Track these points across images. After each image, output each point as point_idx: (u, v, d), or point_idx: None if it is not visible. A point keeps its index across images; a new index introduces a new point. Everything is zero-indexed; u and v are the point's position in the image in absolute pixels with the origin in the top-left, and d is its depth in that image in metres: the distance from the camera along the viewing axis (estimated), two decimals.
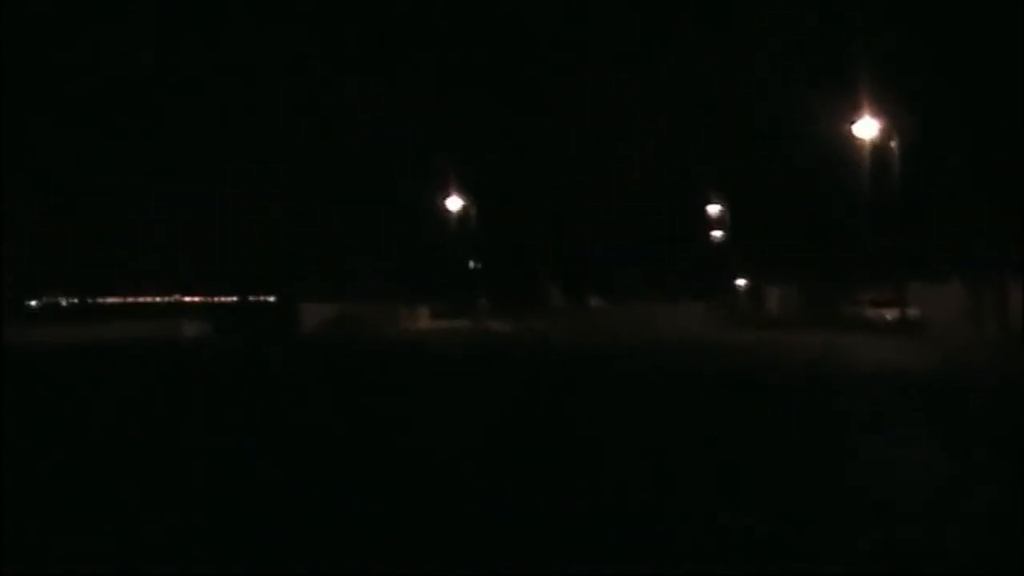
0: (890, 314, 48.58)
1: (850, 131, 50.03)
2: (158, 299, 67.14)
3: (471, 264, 72.22)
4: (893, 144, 48.50)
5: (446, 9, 65.79)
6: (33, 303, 63.72)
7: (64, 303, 65.75)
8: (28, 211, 61.20)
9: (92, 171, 64.52)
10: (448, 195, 68.09)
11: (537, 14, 64.81)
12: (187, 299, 67.69)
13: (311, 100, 66.98)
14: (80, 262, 64.42)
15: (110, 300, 66.18)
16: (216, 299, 67.87)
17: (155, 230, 68.10)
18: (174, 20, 65.05)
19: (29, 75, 59.68)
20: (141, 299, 66.74)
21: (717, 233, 70.07)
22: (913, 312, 47.33)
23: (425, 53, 67.00)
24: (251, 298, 68.09)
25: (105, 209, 65.98)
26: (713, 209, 69.26)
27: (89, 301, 65.31)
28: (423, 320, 70.32)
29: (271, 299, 68.27)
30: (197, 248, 67.60)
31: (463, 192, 68.20)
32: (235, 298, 68.11)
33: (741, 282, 71.83)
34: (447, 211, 68.55)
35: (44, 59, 60.37)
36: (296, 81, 66.89)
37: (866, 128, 49.45)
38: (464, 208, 68.36)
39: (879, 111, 49.04)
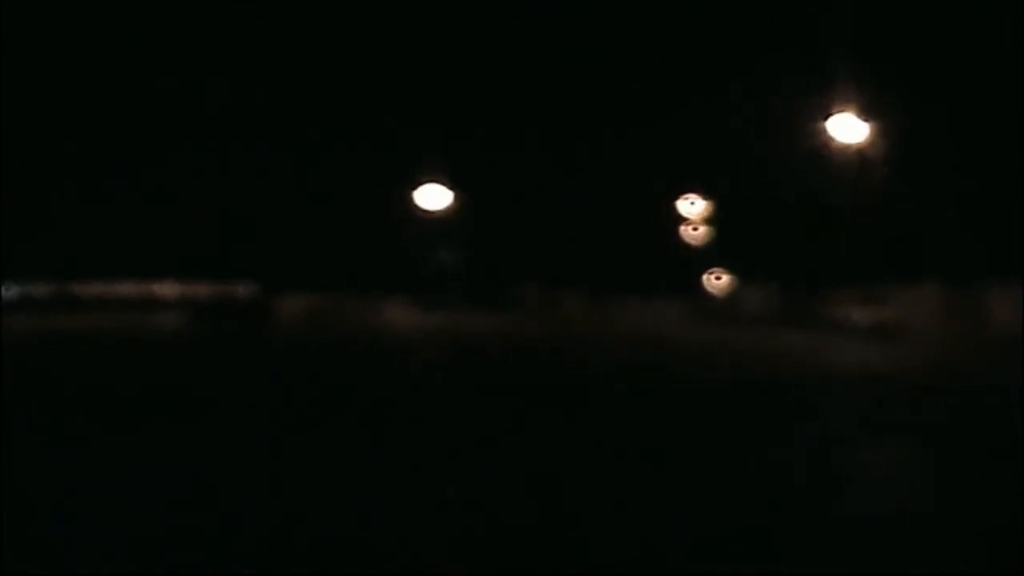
0: (867, 314, 48.58)
1: (828, 129, 50.01)
2: (133, 288, 66.57)
3: (447, 257, 72.02)
4: (874, 144, 48.49)
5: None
6: (1, 291, 62.94)
7: (36, 292, 65.04)
8: None
9: (64, 157, 63.98)
10: (427, 189, 67.90)
11: (524, 10, 64.51)
12: (162, 289, 67.20)
13: (291, 89, 66.61)
14: (54, 249, 63.87)
15: (85, 289, 65.56)
16: (193, 289, 67.40)
17: (131, 218, 67.62)
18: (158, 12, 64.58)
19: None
20: (116, 288, 66.15)
21: (696, 231, 69.97)
22: (891, 313, 47.33)
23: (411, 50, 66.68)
24: (226, 289, 67.65)
25: (81, 195, 65.48)
26: (692, 207, 69.12)
27: (62, 290, 64.70)
28: (398, 313, 70.04)
29: (247, 290, 67.85)
30: (174, 237, 67.16)
31: (442, 186, 68.05)
32: (212, 288, 67.63)
33: (719, 280, 71.74)
34: (425, 205, 68.35)
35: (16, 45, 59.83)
36: (274, 67, 66.49)
37: (844, 126, 49.41)
38: (443, 200, 68.25)
39: (860, 110, 49.00)
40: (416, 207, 69.28)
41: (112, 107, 64.87)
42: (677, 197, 68.94)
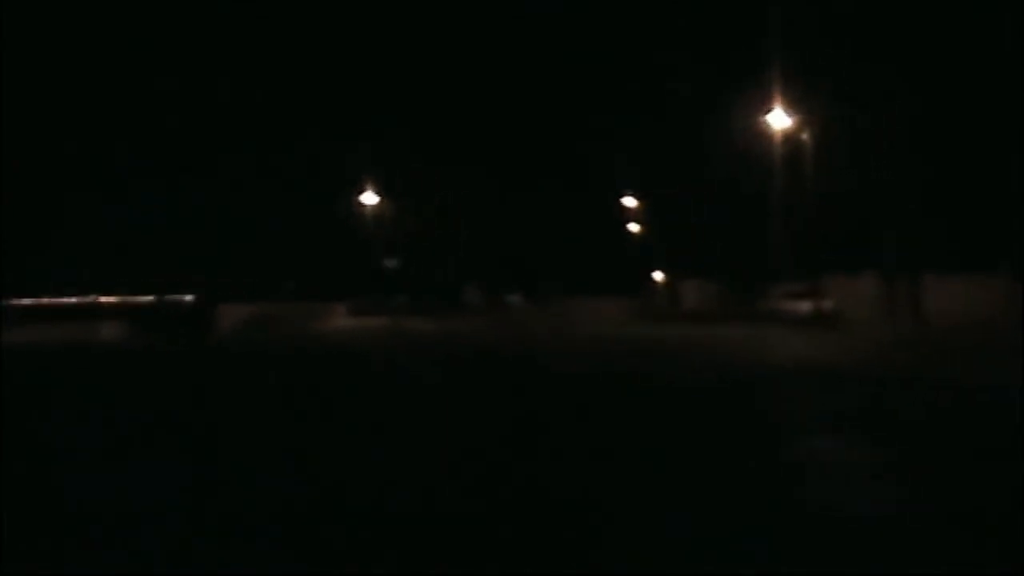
0: (806, 307, 49.14)
1: (764, 124, 50.57)
2: (74, 300, 66.23)
3: (389, 262, 72.19)
4: (805, 137, 49.08)
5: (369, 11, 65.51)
6: None
7: None
8: None
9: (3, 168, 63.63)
10: (365, 192, 67.95)
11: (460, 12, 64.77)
12: (103, 300, 66.85)
13: (230, 97, 66.44)
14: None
15: (24, 302, 65.19)
16: (133, 300, 67.09)
17: (70, 229, 67.34)
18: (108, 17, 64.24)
19: None
20: (57, 300, 65.81)
21: (636, 228, 70.42)
22: (829, 305, 47.94)
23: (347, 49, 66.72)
24: (168, 298, 67.38)
25: (19, 207, 65.15)
26: (631, 204, 69.57)
27: (3, 303, 64.28)
28: (341, 319, 70.02)
29: (188, 299, 67.62)
30: (113, 248, 66.95)
31: (380, 189, 68.21)
32: (152, 298, 67.33)
33: (659, 276, 72.24)
34: (364, 208, 68.44)
35: None
36: (221, 76, 66.33)
37: (779, 120, 49.98)
38: (381, 205, 68.37)
39: (794, 105, 49.60)
40: (359, 214, 69.35)
41: (50, 121, 64.57)
42: (617, 197, 69.41)
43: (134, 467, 13.07)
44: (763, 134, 50.97)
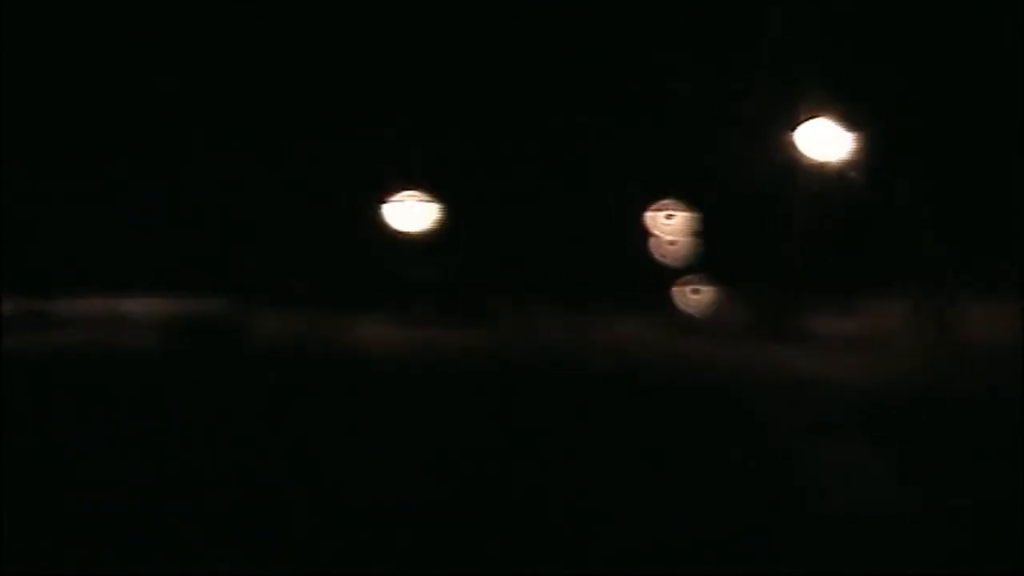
0: (845, 327, 48.99)
1: (800, 141, 50.51)
2: (102, 304, 66.66)
3: (416, 269, 72.46)
4: (844, 155, 49.00)
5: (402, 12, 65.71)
6: None
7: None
8: None
9: (29, 169, 64.03)
10: (399, 196, 68.25)
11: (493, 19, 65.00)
12: (131, 303, 67.24)
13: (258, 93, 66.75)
14: (21, 266, 63.86)
15: (53, 306, 65.58)
16: (162, 304, 67.44)
17: (100, 232, 67.76)
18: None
19: None
20: (85, 304, 66.22)
21: (673, 245, 70.41)
22: (864, 325, 47.77)
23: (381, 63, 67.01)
24: (198, 303, 67.74)
25: (47, 210, 65.67)
26: (670, 220, 69.61)
27: (31, 308, 64.63)
28: (375, 330, 70.25)
29: (219, 304, 67.94)
30: (143, 253, 67.41)
31: (420, 200, 68.44)
32: (181, 302, 67.72)
33: (696, 293, 72.28)
34: (399, 213, 68.74)
35: None
36: (244, 70, 66.60)
37: (820, 134, 49.91)
38: (414, 210, 68.71)
39: (830, 121, 49.53)
40: (382, 223, 69.51)
41: (67, 112, 65.03)
42: (655, 209, 69.45)
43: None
44: (804, 146, 50.86)
